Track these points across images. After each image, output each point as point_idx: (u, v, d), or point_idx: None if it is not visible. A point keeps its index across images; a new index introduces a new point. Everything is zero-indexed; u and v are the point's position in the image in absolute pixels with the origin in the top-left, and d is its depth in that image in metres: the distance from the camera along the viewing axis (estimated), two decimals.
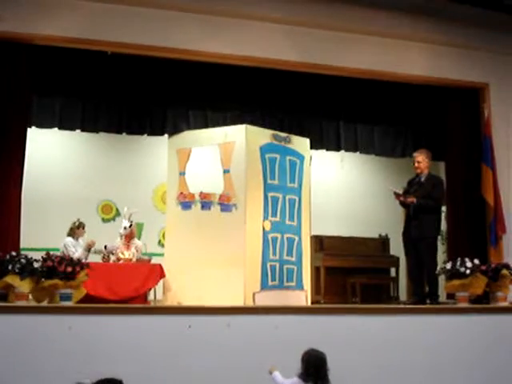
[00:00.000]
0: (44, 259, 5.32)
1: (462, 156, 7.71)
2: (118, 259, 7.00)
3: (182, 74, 7.09)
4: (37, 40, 6.34)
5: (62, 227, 7.42)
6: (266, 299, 6.48)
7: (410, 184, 7.18)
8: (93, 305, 5.49)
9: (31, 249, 6.35)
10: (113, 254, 7.11)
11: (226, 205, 6.69)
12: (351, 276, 8.19)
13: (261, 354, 5.27)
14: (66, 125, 7.12)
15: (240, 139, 6.67)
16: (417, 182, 7.12)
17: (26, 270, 5.21)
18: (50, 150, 8.63)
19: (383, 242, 8.78)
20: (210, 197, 6.82)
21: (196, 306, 5.92)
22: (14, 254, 5.36)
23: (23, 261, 5.24)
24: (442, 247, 8.42)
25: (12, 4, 6.19)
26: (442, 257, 8.13)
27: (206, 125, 7.26)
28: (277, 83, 7.39)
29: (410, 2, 7.11)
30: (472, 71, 7.65)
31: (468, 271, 6.34)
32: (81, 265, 5.48)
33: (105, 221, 8.84)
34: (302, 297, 6.98)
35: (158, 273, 6.67)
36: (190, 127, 7.24)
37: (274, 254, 6.76)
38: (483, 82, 7.72)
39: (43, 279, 5.31)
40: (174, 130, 7.24)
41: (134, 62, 6.87)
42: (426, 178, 7.09)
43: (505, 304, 6.49)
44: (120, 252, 6.99)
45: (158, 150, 8.25)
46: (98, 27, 6.42)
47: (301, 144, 7.23)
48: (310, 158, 7.37)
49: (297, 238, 7.01)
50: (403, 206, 7.09)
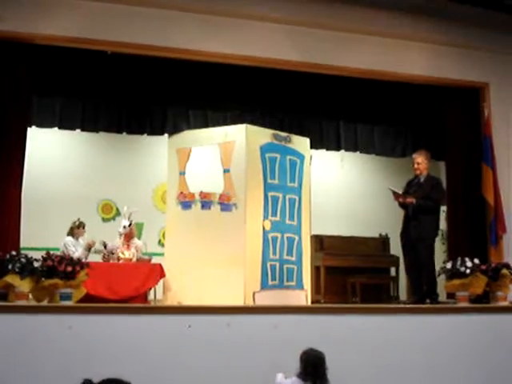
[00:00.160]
0: (44, 259, 5.32)
1: (462, 156, 7.71)
2: (118, 259, 7.01)
3: (182, 73, 7.09)
4: (37, 40, 6.34)
5: (62, 227, 7.43)
6: (266, 299, 6.48)
7: (409, 185, 7.18)
8: (93, 304, 5.48)
9: (31, 248, 6.36)
10: (113, 253, 7.11)
11: (226, 204, 6.69)
12: (351, 275, 8.20)
13: (261, 353, 5.27)
14: (66, 124, 7.13)
15: (240, 139, 6.67)
16: (416, 183, 7.12)
17: (26, 269, 5.21)
18: (50, 150, 8.64)
19: (383, 241, 8.79)
20: (210, 196, 6.82)
21: (196, 305, 5.93)
22: (14, 253, 5.35)
23: (23, 260, 5.24)
24: (443, 247, 8.42)
25: (12, 4, 6.19)
26: (443, 256, 8.13)
27: (206, 124, 7.27)
28: (277, 83, 7.40)
29: (410, 1, 7.11)
30: (472, 71, 7.65)
31: (468, 271, 6.34)
32: (81, 264, 5.48)
33: (105, 220, 8.84)
34: (302, 296, 6.98)
35: (158, 272, 6.67)
36: (190, 127, 7.24)
37: (274, 253, 6.76)
38: (483, 81, 7.72)
39: (43, 279, 5.30)
40: (174, 130, 7.24)
41: (134, 61, 6.87)
42: (425, 179, 7.09)
43: (505, 303, 6.48)
44: (120, 252, 6.99)
45: (158, 150, 8.25)
46: (98, 27, 6.42)
47: (301, 144, 7.23)
48: (310, 157, 7.37)
49: (297, 238, 7.01)
50: (402, 206, 7.09)
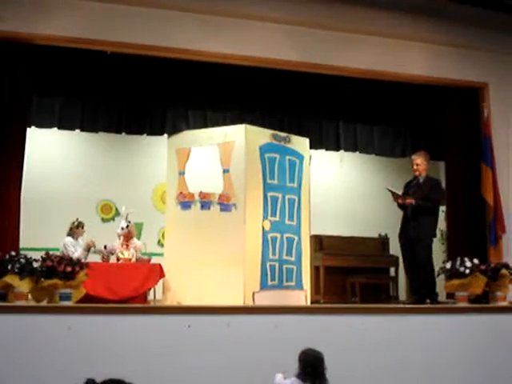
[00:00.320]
0: (43, 259, 5.32)
1: (462, 156, 7.71)
2: (118, 259, 7.01)
3: (182, 73, 7.08)
4: (37, 40, 6.33)
5: (61, 227, 7.43)
6: (265, 299, 6.49)
7: (408, 186, 7.19)
8: (92, 305, 5.49)
9: (31, 248, 6.35)
10: (112, 254, 7.12)
11: (225, 204, 6.69)
12: (351, 276, 8.20)
13: (260, 353, 5.28)
14: (65, 125, 7.13)
15: (239, 139, 6.68)
16: (415, 184, 7.12)
17: (26, 269, 5.21)
18: (49, 150, 8.62)
19: (383, 241, 8.79)
20: (209, 196, 6.82)
21: (196, 305, 5.93)
22: (13, 253, 5.35)
23: (23, 260, 5.24)
24: (442, 247, 8.43)
25: (12, 4, 6.18)
26: (442, 256, 8.13)
27: (205, 125, 7.26)
28: (277, 83, 7.39)
29: (410, 2, 7.11)
30: (472, 71, 7.65)
31: (467, 271, 6.34)
32: (80, 265, 5.47)
33: (104, 221, 8.83)
34: (302, 296, 6.98)
35: (157, 272, 6.67)
36: (189, 127, 7.24)
37: (274, 253, 6.76)
38: (483, 81, 7.71)
39: (43, 279, 5.30)
40: (173, 130, 7.24)
41: (134, 61, 6.87)
42: (424, 180, 7.09)
43: (504, 304, 6.49)
44: (119, 252, 6.99)
45: (157, 150, 8.25)
46: (98, 27, 6.41)
47: (300, 144, 7.23)
48: (310, 157, 7.37)
49: (296, 238, 7.02)
50: (400, 207, 7.09)
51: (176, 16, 6.63)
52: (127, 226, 7.10)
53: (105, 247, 7.10)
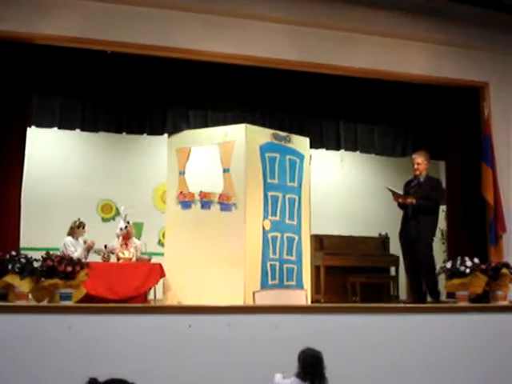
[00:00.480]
0: (44, 259, 5.32)
1: (462, 155, 7.70)
2: (118, 259, 7.01)
3: (182, 73, 7.08)
4: (37, 40, 6.33)
5: (62, 227, 7.43)
6: (266, 298, 6.48)
7: (408, 185, 7.20)
8: (93, 304, 5.49)
9: (31, 248, 6.35)
10: (113, 253, 7.12)
11: (225, 204, 6.69)
12: (351, 275, 8.20)
13: (261, 353, 5.27)
14: (65, 124, 7.12)
15: (240, 138, 6.67)
16: (416, 184, 7.13)
17: (26, 269, 5.21)
18: (49, 150, 8.63)
19: (383, 241, 8.79)
20: (209, 196, 6.82)
21: (196, 305, 5.92)
22: (13, 253, 5.35)
23: (23, 260, 5.24)
24: (442, 246, 8.43)
25: (13, 4, 6.18)
26: (442, 256, 8.13)
27: (205, 124, 7.26)
28: (277, 83, 7.39)
29: (410, 1, 7.11)
30: (472, 70, 7.64)
31: (468, 270, 6.35)
32: (81, 264, 5.48)
33: (105, 220, 8.84)
34: (302, 296, 6.98)
35: (158, 272, 6.67)
36: (189, 127, 7.24)
37: (274, 253, 6.76)
38: (483, 81, 7.71)
39: (43, 279, 5.30)
40: (173, 130, 7.24)
41: (134, 61, 6.87)
42: (425, 180, 7.10)
43: (505, 303, 6.49)
44: (120, 252, 7.00)
45: (157, 150, 8.25)
46: (99, 27, 6.41)
47: (301, 143, 7.23)
48: (310, 157, 7.37)
49: (297, 237, 7.01)
50: (401, 207, 7.09)
51: (176, 16, 6.64)
52: (126, 227, 7.10)
53: (105, 247, 7.10)
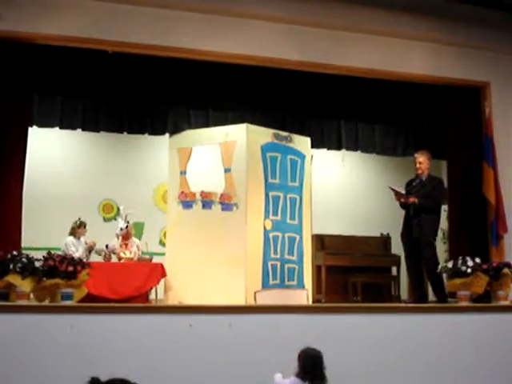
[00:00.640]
0: (45, 258, 5.32)
1: (464, 155, 7.69)
2: (119, 258, 7.01)
3: (184, 73, 7.08)
4: (38, 39, 6.33)
5: (63, 226, 7.45)
6: (267, 298, 6.49)
7: (410, 185, 7.19)
8: (94, 304, 5.49)
9: (32, 248, 6.35)
10: (114, 253, 7.13)
11: (226, 204, 6.69)
12: (352, 275, 8.20)
13: (262, 352, 5.26)
14: (67, 124, 7.13)
15: (241, 138, 6.68)
16: (418, 183, 7.12)
17: (28, 269, 5.20)
18: (51, 150, 8.65)
19: (384, 240, 8.80)
20: (210, 196, 6.83)
21: (197, 305, 5.92)
22: (15, 253, 5.34)
23: (24, 260, 5.23)
24: (444, 246, 8.42)
25: (13, 3, 6.18)
26: (444, 256, 8.13)
27: (207, 124, 7.26)
28: (278, 82, 7.38)
29: (411, 1, 7.10)
30: (473, 70, 7.64)
31: (469, 270, 6.33)
32: (82, 264, 5.48)
33: (106, 220, 8.85)
34: (303, 296, 6.98)
35: (159, 272, 6.68)
36: (191, 126, 7.24)
37: (275, 252, 6.76)
38: (484, 80, 7.70)
39: (44, 278, 5.30)
40: (175, 130, 7.24)
41: (135, 61, 6.86)
42: (427, 179, 7.11)
43: (506, 303, 6.47)
44: (121, 252, 7.00)
45: (159, 150, 8.26)
46: (100, 26, 6.41)
47: (302, 143, 7.23)
48: (311, 156, 7.37)
49: (298, 237, 7.02)
50: (402, 206, 7.09)
51: (176, 15, 6.63)
52: (126, 227, 7.11)
53: (106, 246, 7.11)
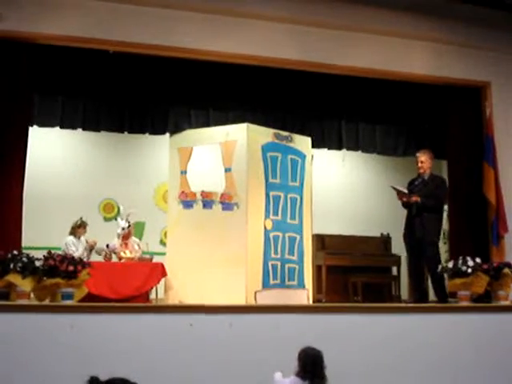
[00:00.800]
0: (46, 258, 5.32)
1: (464, 155, 7.69)
2: (120, 258, 7.01)
3: (184, 73, 7.08)
4: (39, 39, 6.34)
5: (63, 226, 7.44)
6: (267, 298, 6.49)
7: (412, 184, 7.19)
8: (94, 303, 5.49)
9: (33, 247, 6.35)
10: (115, 253, 7.13)
11: (227, 204, 6.69)
12: (353, 275, 8.20)
13: (262, 352, 5.26)
14: (67, 124, 7.13)
15: (241, 138, 6.68)
16: (421, 182, 7.12)
17: (28, 268, 5.20)
18: (51, 149, 8.65)
19: (385, 240, 8.79)
20: (211, 195, 6.83)
21: (197, 304, 5.90)
22: (15, 252, 5.35)
23: (25, 259, 5.24)
24: (444, 246, 8.41)
25: (14, 3, 6.19)
26: (444, 256, 8.12)
27: (207, 124, 7.26)
28: (279, 82, 7.39)
29: (412, 1, 7.10)
30: (474, 70, 7.64)
31: (470, 270, 6.33)
32: (82, 264, 5.48)
33: (106, 219, 8.85)
34: (304, 296, 6.98)
35: (159, 271, 6.68)
36: (191, 126, 7.24)
37: (276, 252, 6.76)
38: (485, 80, 7.70)
39: (45, 278, 5.30)
40: (175, 129, 7.24)
41: (136, 60, 6.87)
42: (429, 178, 7.10)
43: (506, 303, 6.47)
44: (122, 251, 7.00)
45: (159, 149, 8.26)
46: (100, 26, 6.41)
47: (302, 143, 7.23)
48: (312, 156, 7.37)
49: (298, 237, 7.02)
50: (405, 206, 7.08)
51: (179, 15, 6.64)
52: (128, 227, 7.11)
53: (107, 246, 7.11)
